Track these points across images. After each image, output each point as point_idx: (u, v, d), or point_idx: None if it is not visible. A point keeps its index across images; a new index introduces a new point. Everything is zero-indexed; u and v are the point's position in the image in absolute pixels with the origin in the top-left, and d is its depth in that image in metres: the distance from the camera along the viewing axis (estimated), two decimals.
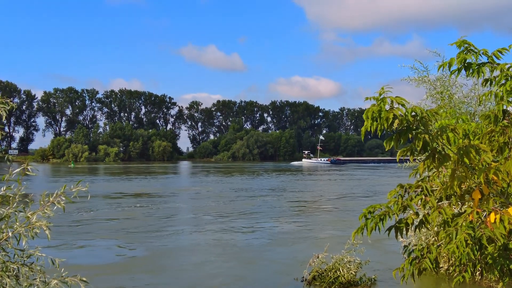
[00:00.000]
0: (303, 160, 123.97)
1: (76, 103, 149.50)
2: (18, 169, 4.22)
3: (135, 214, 22.47)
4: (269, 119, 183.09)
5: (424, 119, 3.73)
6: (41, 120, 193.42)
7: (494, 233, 3.71)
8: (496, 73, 4.04)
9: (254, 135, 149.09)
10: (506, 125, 4.13)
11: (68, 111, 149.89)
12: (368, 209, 4.32)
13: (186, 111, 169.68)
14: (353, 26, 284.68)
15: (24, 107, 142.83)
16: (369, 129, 3.76)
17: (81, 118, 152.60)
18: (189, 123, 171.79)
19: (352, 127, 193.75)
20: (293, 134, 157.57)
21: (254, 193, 34.23)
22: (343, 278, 9.58)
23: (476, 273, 8.50)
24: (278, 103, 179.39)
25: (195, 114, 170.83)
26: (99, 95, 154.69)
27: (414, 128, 3.74)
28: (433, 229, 8.76)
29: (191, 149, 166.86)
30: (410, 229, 4.36)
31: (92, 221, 20.15)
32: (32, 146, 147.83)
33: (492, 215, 3.74)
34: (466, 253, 3.78)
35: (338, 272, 9.64)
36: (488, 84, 4.20)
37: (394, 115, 3.66)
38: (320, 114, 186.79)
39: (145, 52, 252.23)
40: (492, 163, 3.79)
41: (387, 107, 3.72)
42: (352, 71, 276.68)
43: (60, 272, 4.16)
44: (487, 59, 4.08)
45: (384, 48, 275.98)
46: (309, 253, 10.48)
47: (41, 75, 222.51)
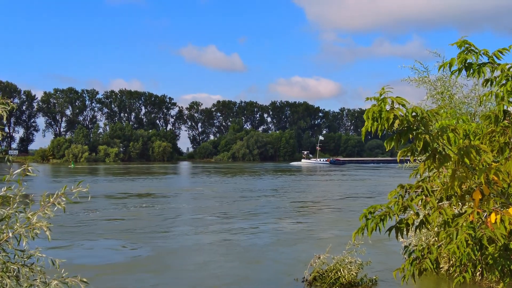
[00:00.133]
0: (302, 161, 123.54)
1: (76, 104, 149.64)
2: (19, 170, 4.22)
3: (140, 214, 22.54)
4: (269, 120, 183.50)
5: (425, 120, 3.73)
6: (41, 121, 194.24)
7: (495, 234, 3.70)
8: (497, 74, 4.04)
9: (254, 136, 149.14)
10: (507, 126, 4.12)
11: (68, 112, 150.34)
12: (369, 210, 4.31)
13: (186, 112, 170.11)
14: (353, 26, 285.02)
15: (24, 108, 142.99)
16: (370, 130, 3.75)
17: (81, 119, 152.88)
18: (189, 124, 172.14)
19: (352, 128, 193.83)
20: (293, 135, 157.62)
21: (257, 193, 34.31)
22: (344, 279, 9.57)
23: (477, 274, 8.51)
24: (278, 104, 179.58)
25: (195, 115, 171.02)
26: (99, 96, 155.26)
27: (415, 129, 3.74)
28: (434, 230, 8.76)
29: (191, 150, 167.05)
30: (411, 230, 4.36)
31: (97, 222, 20.20)
32: (32, 147, 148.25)
33: (493, 216, 3.73)
34: (467, 254, 3.78)
35: (339, 273, 9.64)
36: (489, 85, 4.20)
37: (395, 116, 3.66)
38: (320, 115, 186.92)
39: (145, 52, 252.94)
40: (493, 164, 3.79)
41: (388, 108, 3.72)
42: (352, 71, 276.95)
43: (61, 273, 4.16)
44: (488, 59, 4.08)
45: (384, 48, 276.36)
46: (312, 254, 10.49)
47: (41, 75, 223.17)
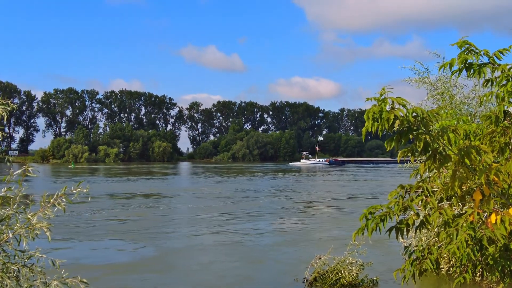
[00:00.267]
0: (302, 161, 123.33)
1: (76, 104, 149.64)
2: (19, 171, 4.21)
3: (145, 215, 22.58)
4: (269, 120, 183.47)
5: (425, 120, 3.73)
6: (41, 121, 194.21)
7: (495, 234, 3.70)
8: (497, 74, 4.03)
9: (254, 136, 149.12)
10: (507, 126, 4.12)
11: (68, 112, 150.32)
12: (369, 210, 4.31)
13: (186, 112, 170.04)
14: (353, 27, 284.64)
15: (24, 108, 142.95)
16: (370, 130, 3.75)
17: (81, 119, 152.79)
18: (189, 124, 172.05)
19: (352, 128, 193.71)
20: (293, 135, 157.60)
21: (260, 194, 34.41)
22: (345, 280, 9.56)
23: (477, 274, 8.51)
24: (278, 104, 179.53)
25: (195, 115, 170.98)
26: (99, 96, 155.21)
27: (415, 129, 3.74)
28: (434, 230, 8.76)
29: (191, 150, 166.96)
30: (411, 230, 4.36)
31: (102, 222, 20.23)
32: (32, 147, 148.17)
33: (493, 216, 3.73)
34: (467, 254, 3.78)
35: (340, 274, 9.63)
36: (489, 85, 4.19)
37: (395, 116, 3.66)
38: (320, 115, 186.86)
39: (145, 53, 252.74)
40: (493, 164, 3.78)
41: (388, 108, 3.72)
42: (352, 72, 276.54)
43: (61, 273, 4.16)
44: (488, 60, 4.08)
45: (384, 49, 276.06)
46: (314, 254, 10.51)
47: (41, 76, 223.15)
